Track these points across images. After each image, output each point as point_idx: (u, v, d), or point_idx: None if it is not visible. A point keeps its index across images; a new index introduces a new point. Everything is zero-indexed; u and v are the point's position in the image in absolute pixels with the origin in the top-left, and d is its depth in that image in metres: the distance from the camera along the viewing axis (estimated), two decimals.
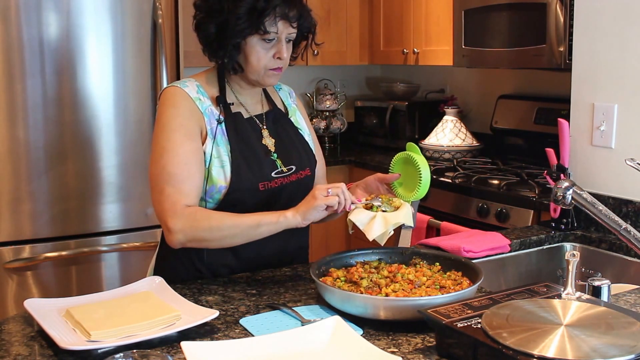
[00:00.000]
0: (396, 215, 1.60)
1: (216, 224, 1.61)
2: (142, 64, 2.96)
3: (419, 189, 1.68)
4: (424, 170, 1.68)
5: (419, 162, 1.68)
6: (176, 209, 1.61)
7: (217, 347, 1.24)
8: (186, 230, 1.61)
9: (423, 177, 1.67)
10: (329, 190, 1.57)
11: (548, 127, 3.14)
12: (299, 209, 1.59)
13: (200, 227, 1.61)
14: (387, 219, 1.59)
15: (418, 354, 1.28)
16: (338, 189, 1.57)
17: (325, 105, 4.27)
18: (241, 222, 1.61)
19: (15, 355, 1.29)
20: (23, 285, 2.83)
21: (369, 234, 1.58)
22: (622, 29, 2.13)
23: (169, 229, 1.62)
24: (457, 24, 3.28)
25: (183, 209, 1.62)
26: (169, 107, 1.70)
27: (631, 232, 1.55)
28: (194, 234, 1.61)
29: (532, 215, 2.58)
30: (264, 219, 1.60)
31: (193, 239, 1.62)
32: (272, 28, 1.66)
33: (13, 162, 2.77)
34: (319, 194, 1.56)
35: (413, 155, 1.71)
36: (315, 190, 1.58)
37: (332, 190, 1.57)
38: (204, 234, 1.62)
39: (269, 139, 1.79)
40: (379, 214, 1.60)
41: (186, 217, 1.61)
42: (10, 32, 2.72)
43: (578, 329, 1.19)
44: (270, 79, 1.74)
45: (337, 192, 1.57)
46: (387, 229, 1.58)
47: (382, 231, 1.58)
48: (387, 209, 1.63)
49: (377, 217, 1.59)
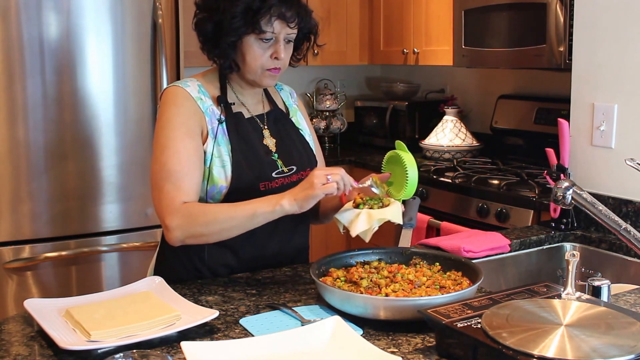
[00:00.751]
0: (382, 212, 1.60)
1: (212, 217, 1.60)
2: (142, 64, 2.96)
3: (406, 187, 1.67)
4: (411, 169, 1.67)
5: (405, 161, 1.68)
6: (174, 206, 1.61)
7: (217, 347, 1.24)
8: (183, 226, 1.60)
9: (409, 176, 1.67)
10: (327, 176, 1.54)
11: (548, 127, 3.14)
12: (296, 196, 1.55)
13: (197, 222, 1.60)
14: (372, 215, 1.59)
15: (418, 354, 1.28)
16: (337, 176, 1.54)
17: (325, 105, 4.27)
18: (237, 214, 1.59)
19: (15, 355, 1.29)
20: (23, 285, 2.83)
21: (352, 230, 1.58)
22: (622, 29, 2.13)
23: (167, 227, 1.61)
24: (457, 24, 3.28)
25: (180, 206, 1.61)
26: (170, 106, 1.70)
27: (631, 232, 1.55)
28: (191, 230, 1.61)
29: (532, 215, 2.58)
30: (260, 208, 1.58)
31: (191, 234, 1.62)
32: (268, 28, 1.65)
33: (13, 162, 2.77)
34: (318, 183, 1.53)
35: (400, 154, 1.70)
36: (313, 178, 1.54)
37: (332, 177, 1.54)
38: (201, 229, 1.61)
39: (269, 139, 1.79)
40: (363, 210, 1.60)
41: (182, 213, 1.61)
42: (10, 32, 2.72)
43: (578, 329, 1.19)
44: (267, 79, 1.74)
45: (336, 179, 1.54)
46: (371, 225, 1.58)
47: (365, 227, 1.58)
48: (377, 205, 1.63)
49: (362, 213, 1.60)
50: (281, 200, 1.56)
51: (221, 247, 1.73)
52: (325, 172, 1.54)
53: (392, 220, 1.60)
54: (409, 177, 1.67)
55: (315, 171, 1.56)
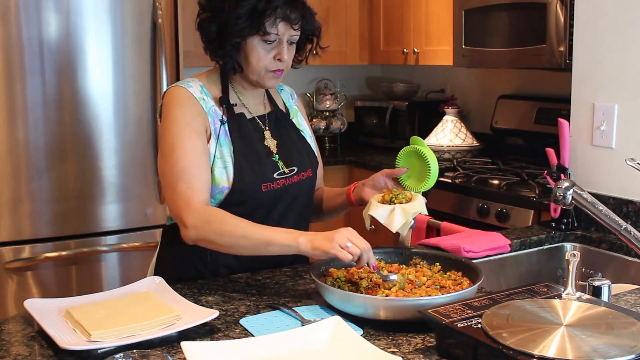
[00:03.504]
0: (413, 206, 1.65)
1: (227, 229, 1.58)
2: (142, 64, 2.96)
3: (428, 179, 1.72)
4: (432, 162, 1.72)
5: (427, 154, 1.73)
6: (191, 205, 1.61)
7: (217, 347, 1.24)
8: (198, 227, 1.60)
9: (432, 168, 1.71)
10: (348, 244, 1.47)
11: (548, 127, 3.14)
12: (314, 242, 1.50)
13: (212, 229, 1.59)
14: (406, 209, 1.63)
15: (418, 354, 1.28)
16: (357, 250, 1.48)
17: (325, 105, 4.27)
18: (253, 236, 1.57)
19: (15, 355, 1.29)
20: (23, 285, 2.83)
21: (392, 226, 1.62)
22: (622, 29, 2.13)
23: (185, 224, 1.61)
24: (457, 24, 3.28)
25: (198, 206, 1.61)
26: (175, 106, 1.70)
27: (631, 232, 1.55)
28: (205, 234, 1.60)
29: (532, 215, 2.58)
30: (276, 239, 1.55)
31: (204, 238, 1.61)
32: (273, 29, 1.65)
33: (13, 162, 2.77)
34: (336, 243, 1.47)
35: (421, 148, 1.75)
36: (337, 234, 1.48)
37: (352, 247, 1.47)
38: (215, 237, 1.60)
39: (271, 140, 1.79)
40: (396, 206, 1.64)
41: (200, 215, 1.60)
42: (10, 32, 2.72)
43: (578, 329, 1.19)
44: (270, 81, 1.74)
45: (354, 252, 1.48)
46: (407, 219, 1.62)
47: (402, 222, 1.62)
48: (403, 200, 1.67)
49: (396, 209, 1.63)
50: (299, 238, 1.53)
51: None
52: (351, 237, 1.49)
53: (422, 212, 1.65)
54: (432, 169, 1.71)
55: (344, 229, 1.51)
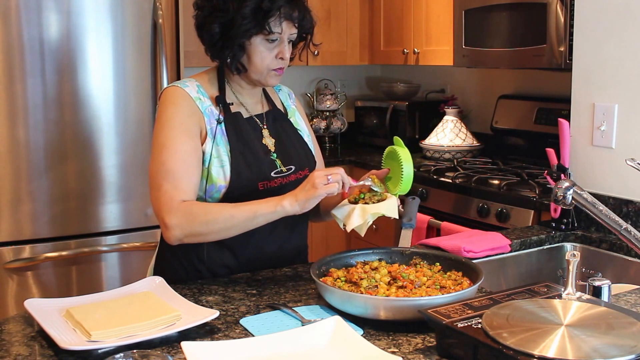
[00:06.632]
0: (376, 207, 1.62)
1: (212, 217, 1.60)
2: (142, 64, 2.96)
3: (401, 182, 1.69)
4: (406, 165, 1.68)
5: (401, 156, 1.70)
6: (172, 205, 1.61)
7: (217, 347, 1.24)
8: (182, 225, 1.60)
9: (405, 172, 1.68)
10: (328, 177, 1.55)
11: (548, 127, 3.14)
12: (297, 197, 1.56)
13: (196, 221, 1.60)
14: (366, 209, 1.61)
15: (418, 354, 1.28)
16: (337, 175, 1.56)
17: (325, 105, 4.27)
18: (237, 214, 1.59)
19: (16, 355, 1.29)
20: (23, 285, 2.83)
21: (347, 225, 1.61)
22: (622, 29, 2.13)
23: (166, 225, 1.61)
24: (457, 24, 3.28)
25: (179, 205, 1.61)
26: (169, 106, 1.70)
27: (631, 232, 1.55)
28: (190, 229, 1.61)
29: (532, 215, 2.58)
30: (260, 209, 1.58)
31: (190, 233, 1.61)
32: (277, 28, 1.66)
33: (13, 162, 2.77)
34: (319, 183, 1.54)
35: (397, 149, 1.72)
36: (314, 178, 1.55)
37: (332, 177, 1.55)
38: (201, 228, 1.61)
39: (269, 138, 1.79)
40: (358, 205, 1.63)
41: (182, 212, 1.61)
42: (10, 32, 2.72)
43: (578, 329, 1.19)
44: (272, 79, 1.75)
45: (336, 179, 1.55)
46: (365, 219, 1.60)
47: (360, 222, 1.60)
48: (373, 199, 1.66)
49: (356, 208, 1.62)
50: (282, 201, 1.57)
51: (220, 247, 1.73)
52: (325, 173, 1.56)
53: (387, 214, 1.62)
54: (404, 172, 1.68)
55: (315, 172, 1.57)
